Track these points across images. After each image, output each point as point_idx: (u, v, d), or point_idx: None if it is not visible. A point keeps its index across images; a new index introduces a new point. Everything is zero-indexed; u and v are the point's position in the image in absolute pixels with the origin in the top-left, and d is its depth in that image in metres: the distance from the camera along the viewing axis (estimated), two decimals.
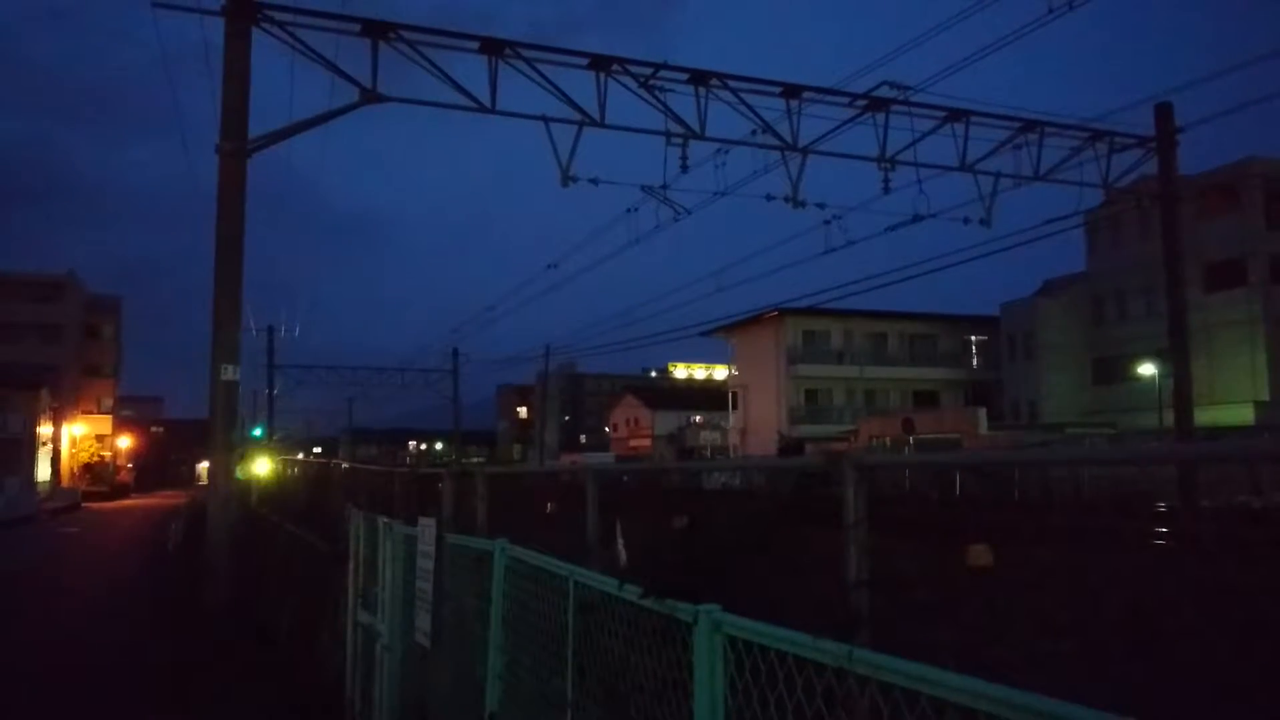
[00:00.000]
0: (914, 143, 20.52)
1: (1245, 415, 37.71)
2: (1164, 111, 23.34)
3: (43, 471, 65.02)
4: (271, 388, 57.38)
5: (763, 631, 2.51)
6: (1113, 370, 48.09)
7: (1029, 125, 21.69)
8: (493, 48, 17.41)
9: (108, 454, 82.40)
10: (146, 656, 11.81)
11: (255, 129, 14.93)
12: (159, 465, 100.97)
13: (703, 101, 18.90)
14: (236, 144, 14.41)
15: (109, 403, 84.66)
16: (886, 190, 20.67)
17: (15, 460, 56.75)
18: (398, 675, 6.84)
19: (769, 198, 20.44)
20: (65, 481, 69.49)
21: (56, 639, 13.96)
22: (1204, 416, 28.30)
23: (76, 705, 9.95)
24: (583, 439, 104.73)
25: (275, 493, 25.63)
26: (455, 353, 64.91)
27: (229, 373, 14.28)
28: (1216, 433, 29.62)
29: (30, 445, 62.39)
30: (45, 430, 66.65)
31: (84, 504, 58.85)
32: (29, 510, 46.47)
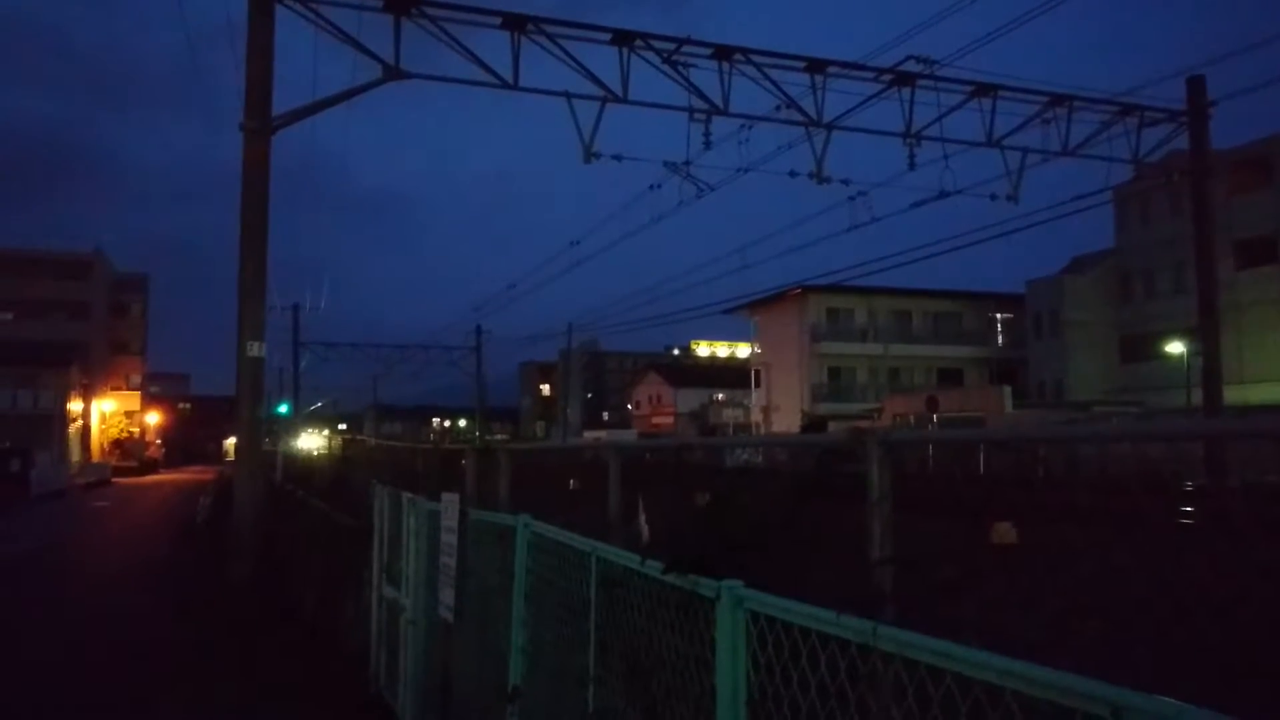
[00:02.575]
0: (940, 118, 20.28)
1: (1276, 394, 37.23)
2: (1196, 85, 22.94)
3: (73, 447, 65.94)
4: (297, 364, 57.80)
5: (786, 607, 2.50)
6: (1140, 348, 47.55)
7: (1057, 99, 21.37)
8: (515, 23, 17.33)
9: (136, 430, 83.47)
10: (174, 628, 11.98)
11: (282, 108, 14.97)
12: (187, 441, 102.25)
13: (726, 77, 18.75)
14: (260, 121, 14.44)
15: (137, 379, 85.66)
16: (912, 166, 20.46)
17: (46, 435, 57.57)
18: (422, 649, 6.90)
19: (793, 174, 20.29)
20: (95, 457, 70.47)
21: (88, 610, 14.19)
22: (1233, 395, 27.94)
23: (106, 673, 10.12)
24: (605, 416, 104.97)
25: (301, 469, 25.88)
26: (479, 330, 65.16)
27: (255, 349, 14.38)
28: (1246, 411, 29.27)
29: (61, 421, 63.26)
30: (75, 406, 67.53)
31: (113, 479, 59.66)
32: (61, 485, 47.18)
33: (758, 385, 62.16)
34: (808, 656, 2.40)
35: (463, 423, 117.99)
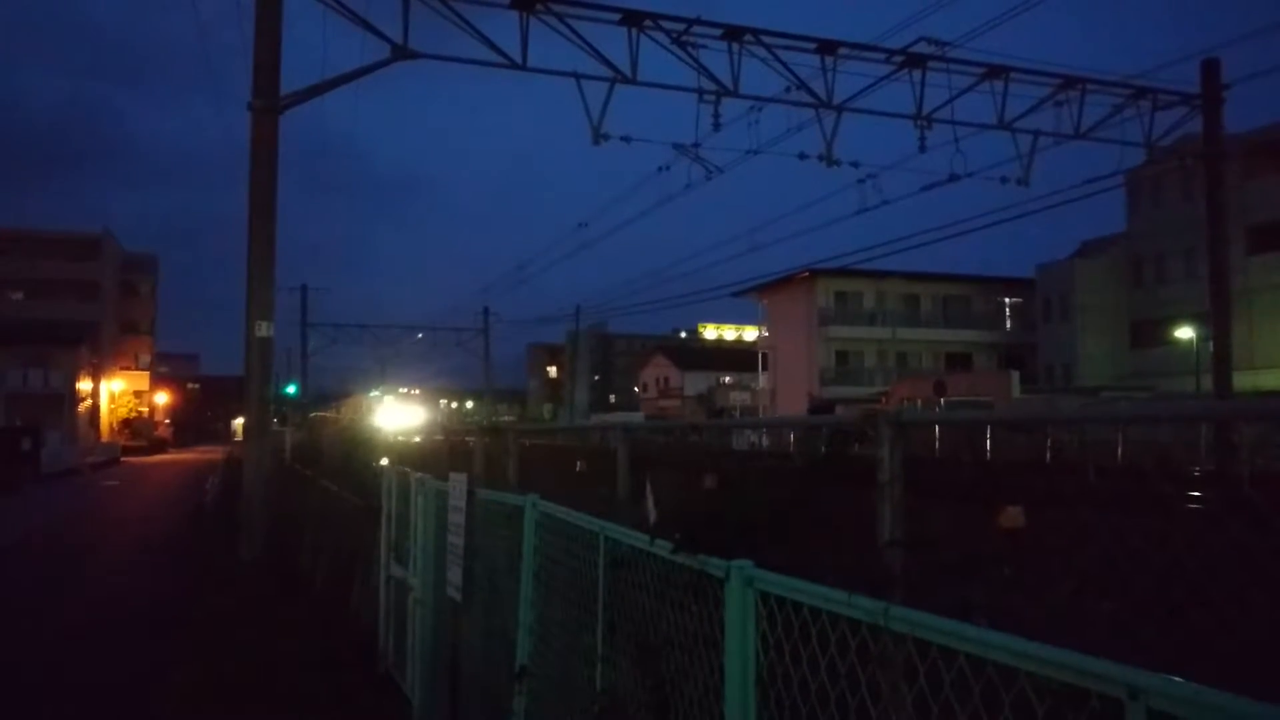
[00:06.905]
0: (951, 100, 20.14)
1: None
2: (1211, 68, 22.73)
3: (83, 426, 66.25)
4: (305, 345, 57.94)
5: (797, 588, 2.49)
6: (1151, 333, 47.36)
7: (1070, 82, 21.19)
8: (524, 3, 17.23)
9: (145, 410, 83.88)
10: (184, 607, 12.04)
11: (293, 89, 14.91)
12: (195, 421, 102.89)
13: (736, 58, 18.64)
14: (268, 101, 14.40)
15: (146, 359, 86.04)
16: (922, 149, 20.32)
17: (56, 415, 57.88)
18: (430, 628, 6.92)
19: (802, 156, 20.19)
20: (105, 436, 70.83)
21: (101, 588, 14.28)
22: (1243, 381, 27.88)
23: (120, 648, 10.19)
24: (612, 399, 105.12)
25: (309, 448, 25.97)
26: (486, 312, 65.22)
27: (263, 330, 14.39)
28: (1257, 396, 29.15)
29: (71, 400, 63.57)
30: (85, 386, 67.82)
31: (123, 458, 60.00)
32: (71, 464, 47.45)
33: (765, 368, 62.08)
34: (818, 637, 2.39)
35: (470, 405, 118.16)
